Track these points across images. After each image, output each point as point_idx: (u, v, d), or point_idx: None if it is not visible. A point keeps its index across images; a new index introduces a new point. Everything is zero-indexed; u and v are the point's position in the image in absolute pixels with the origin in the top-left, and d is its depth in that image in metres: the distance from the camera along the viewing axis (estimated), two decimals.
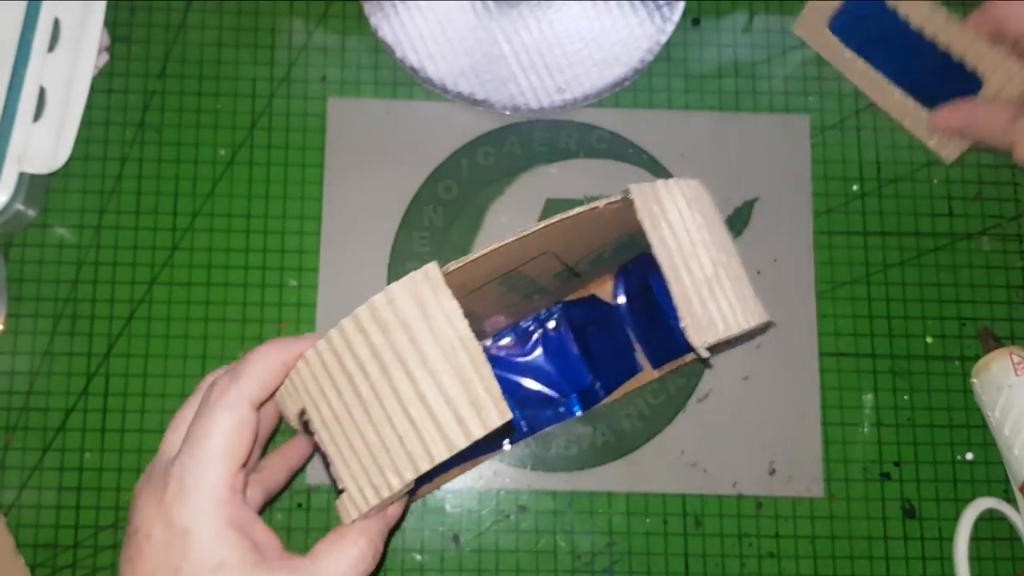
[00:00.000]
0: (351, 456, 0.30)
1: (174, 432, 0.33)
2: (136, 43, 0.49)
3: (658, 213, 0.33)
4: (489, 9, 0.49)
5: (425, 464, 0.29)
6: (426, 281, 0.30)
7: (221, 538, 0.29)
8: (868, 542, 0.45)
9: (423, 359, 0.29)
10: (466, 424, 0.29)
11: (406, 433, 0.29)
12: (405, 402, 0.29)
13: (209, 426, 0.30)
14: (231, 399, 0.31)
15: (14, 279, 0.46)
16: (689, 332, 0.32)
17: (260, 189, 0.48)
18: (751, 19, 0.51)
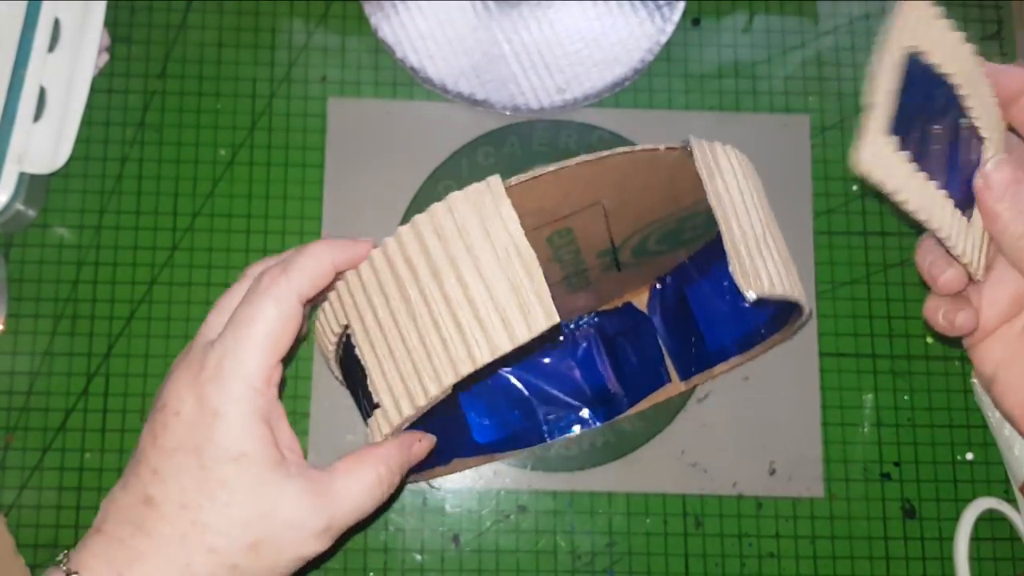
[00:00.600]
0: (390, 366, 0.30)
1: (217, 314, 0.33)
2: (136, 43, 0.49)
3: (714, 168, 0.32)
4: (489, 9, 0.49)
5: (466, 368, 0.29)
6: (488, 191, 0.30)
7: (248, 428, 0.29)
8: (868, 542, 0.45)
9: (476, 264, 0.29)
10: (512, 327, 0.29)
11: (450, 337, 0.29)
12: (454, 307, 0.29)
13: (255, 313, 0.30)
14: (280, 290, 0.30)
15: (14, 279, 0.46)
16: (737, 277, 0.31)
17: (260, 189, 0.48)
18: (751, 19, 0.51)
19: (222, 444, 0.29)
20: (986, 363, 0.35)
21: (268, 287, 0.30)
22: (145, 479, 0.30)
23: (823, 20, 0.51)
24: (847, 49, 0.50)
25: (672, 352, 0.46)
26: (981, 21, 0.51)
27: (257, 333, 0.30)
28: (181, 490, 0.29)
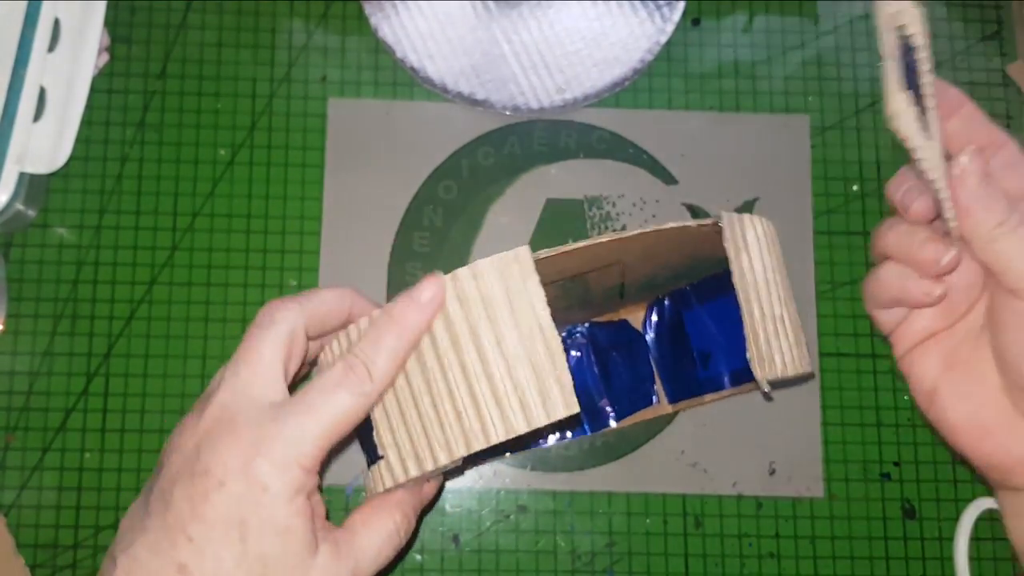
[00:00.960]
0: (399, 424, 0.30)
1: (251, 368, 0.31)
2: (136, 43, 0.49)
3: (742, 244, 0.32)
4: (489, 9, 0.49)
5: (479, 444, 0.29)
6: (516, 263, 0.29)
7: (294, 503, 0.29)
8: (868, 542, 0.45)
9: (498, 339, 0.29)
10: (530, 410, 0.29)
11: (465, 409, 0.29)
12: (471, 379, 0.29)
13: (330, 404, 0.29)
14: (362, 389, 0.30)
15: (14, 279, 0.46)
16: (753, 364, 0.32)
17: (260, 189, 0.48)
18: (751, 19, 0.51)
19: (268, 520, 0.29)
20: (925, 376, 0.33)
21: (346, 378, 0.29)
22: (180, 545, 0.29)
23: (823, 20, 0.51)
24: (847, 49, 0.50)
25: (663, 373, 0.46)
26: (981, 21, 0.51)
27: (324, 423, 0.29)
28: (218, 561, 0.29)
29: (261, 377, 0.30)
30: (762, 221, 0.34)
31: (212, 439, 0.29)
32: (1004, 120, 0.50)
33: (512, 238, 0.48)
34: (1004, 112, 0.50)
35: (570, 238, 0.48)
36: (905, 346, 0.34)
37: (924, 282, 0.31)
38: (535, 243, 0.47)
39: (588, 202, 0.48)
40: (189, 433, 0.30)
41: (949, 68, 0.51)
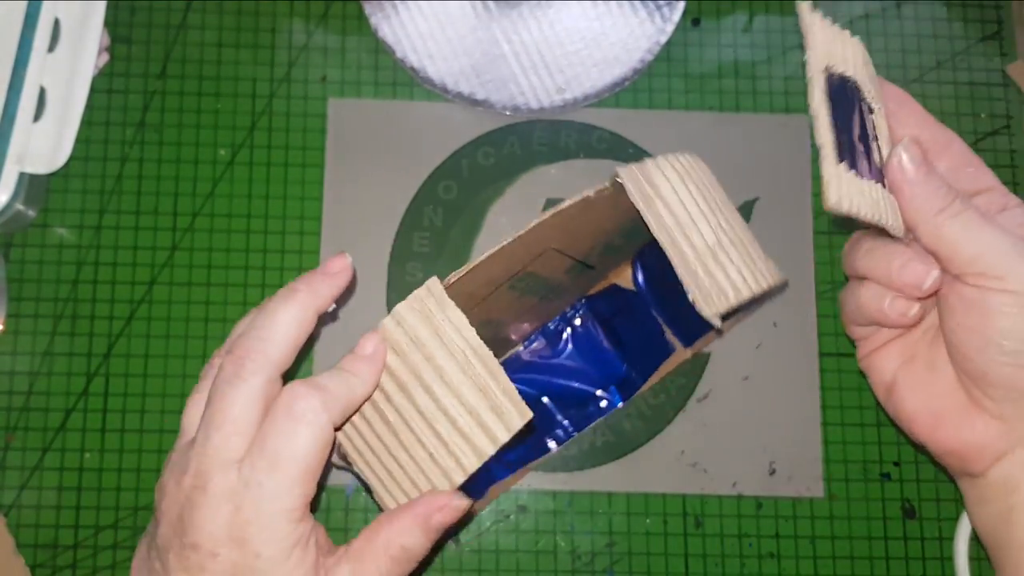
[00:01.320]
0: (390, 481, 0.31)
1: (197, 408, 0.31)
2: (136, 43, 0.49)
3: (651, 193, 0.33)
4: (489, 9, 0.49)
5: (459, 477, 0.30)
6: (430, 297, 0.30)
7: (291, 560, 0.29)
8: (868, 542, 0.45)
9: (439, 373, 0.30)
10: (491, 430, 0.30)
11: (436, 449, 0.30)
12: (430, 419, 0.30)
13: (292, 445, 0.28)
14: (315, 417, 0.29)
15: (14, 279, 0.46)
16: (699, 304, 0.32)
17: (260, 189, 0.48)
18: (751, 19, 0.51)
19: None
20: (883, 371, 0.34)
21: (304, 413, 0.29)
22: None
23: None
24: None
25: (669, 322, 0.46)
26: (981, 21, 0.51)
27: (297, 469, 0.28)
28: None
29: (232, 438, 0.29)
30: (668, 157, 0.34)
31: (192, 509, 0.29)
32: (1004, 120, 0.50)
33: None
34: (1004, 112, 0.50)
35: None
36: (870, 349, 0.35)
37: (902, 303, 0.32)
38: None
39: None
40: (171, 499, 0.30)
41: (949, 68, 0.51)
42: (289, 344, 0.30)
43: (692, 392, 0.46)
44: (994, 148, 0.50)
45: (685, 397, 0.46)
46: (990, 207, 0.33)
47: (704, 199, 0.34)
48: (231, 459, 0.29)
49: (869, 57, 0.34)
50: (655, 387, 0.46)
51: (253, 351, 0.29)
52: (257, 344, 0.30)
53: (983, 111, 0.50)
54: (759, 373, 0.47)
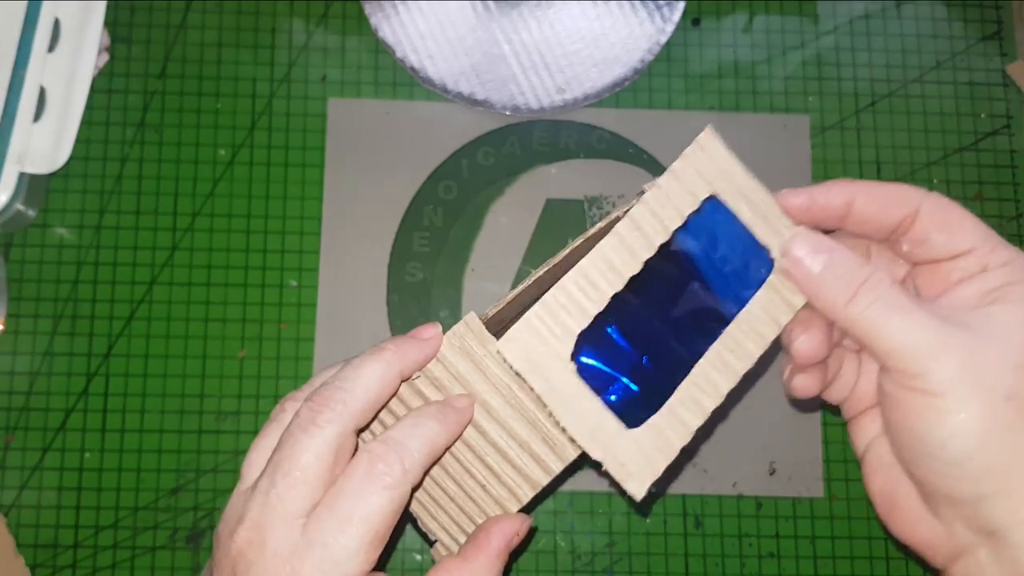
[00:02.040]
0: (436, 509, 0.31)
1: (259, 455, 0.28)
2: (136, 43, 0.49)
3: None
4: (489, 9, 0.49)
5: (514, 506, 0.30)
6: (469, 332, 0.30)
7: None
8: (868, 542, 0.45)
9: (486, 408, 0.30)
10: (543, 461, 0.30)
11: (487, 481, 0.30)
12: (480, 453, 0.30)
13: (367, 508, 0.26)
14: (396, 480, 0.27)
15: (14, 279, 0.46)
16: None
17: (260, 189, 0.48)
18: (751, 19, 0.51)
19: None
20: (861, 438, 0.30)
21: (382, 475, 0.27)
22: None
23: (823, 20, 0.51)
24: (847, 49, 0.51)
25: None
26: (981, 21, 0.51)
27: (369, 532, 0.26)
28: None
29: (298, 488, 0.27)
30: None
31: (248, 568, 0.27)
32: (1004, 120, 0.50)
33: (512, 238, 0.48)
34: (1004, 112, 0.50)
35: (570, 238, 0.48)
36: (848, 416, 0.31)
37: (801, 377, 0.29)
38: (535, 243, 0.48)
39: (588, 202, 0.48)
40: (223, 552, 0.27)
41: (949, 68, 0.51)
42: (370, 400, 0.28)
43: None
44: (994, 148, 0.50)
45: None
46: (953, 276, 0.28)
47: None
48: (295, 512, 0.26)
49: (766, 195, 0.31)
50: None
51: (332, 400, 0.28)
52: (337, 394, 0.28)
53: (983, 111, 0.50)
54: (758, 375, 0.47)
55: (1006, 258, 0.27)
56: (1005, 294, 0.26)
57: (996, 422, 0.25)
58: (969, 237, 0.28)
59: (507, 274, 0.47)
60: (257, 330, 0.46)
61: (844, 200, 0.29)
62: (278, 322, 0.46)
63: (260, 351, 0.46)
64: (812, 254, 0.28)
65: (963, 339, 0.25)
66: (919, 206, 0.28)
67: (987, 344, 0.25)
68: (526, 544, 0.45)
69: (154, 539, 0.44)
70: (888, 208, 0.28)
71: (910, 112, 0.50)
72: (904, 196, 0.28)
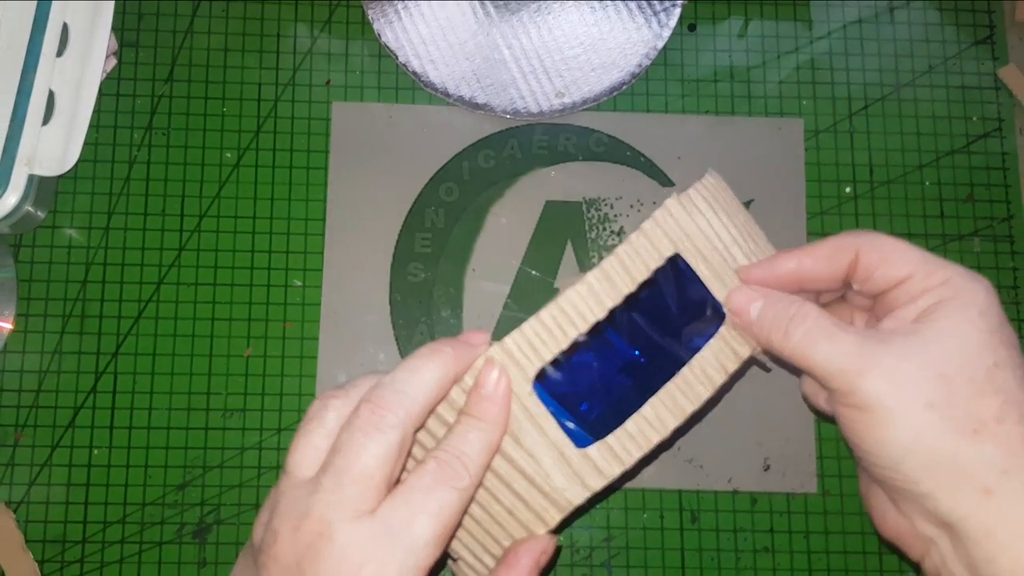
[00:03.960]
0: (460, 530, 0.31)
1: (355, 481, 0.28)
2: (144, 48, 0.50)
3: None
4: (490, 15, 0.50)
5: (540, 529, 0.30)
6: (506, 357, 0.30)
7: None
8: (861, 537, 0.46)
9: (514, 437, 0.30)
10: (572, 488, 0.30)
11: (514, 506, 0.30)
12: (507, 479, 0.30)
13: (437, 503, 0.28)
14: (465, 483, 0.28)
15: (24, 279, 0.47)
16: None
17: (265, 191, 0.48)
18: (746, 25, 0.51)
19: None
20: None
21: (442, 474, 0.28)
22: None
23: (816, 25, 0.51)
24: (840, 54, 0.51)
25: None
26: (973, 25, 0.52)
27: (434, 525, 0.27)
28: None
29: (367, 492, 0.27)
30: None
31: (316, 558, 0.27)
32: (995, 123, 0.51)
33: (512, 239, 0.48)
34: (996, 115, 0.51)
35: (569, 239, 0.48)
36: None
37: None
38: (534, 244, 0.48)
39: (587, 204, 0.49)
40: (286, 544, 0.28)
41: (941, 72, 0.51)
42: (428, 403, 0.29)
43: None
44: (985, 151, 0.50)
45: None
46: (900, 301, 0.30)
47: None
48: (363, 511, 0.27)
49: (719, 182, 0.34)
50: None
51: (395, 404, 0.28)
52: (399, 398, 0.28)
53: (975, 114, 0.51)
54: (754, 370, 0.47)
55: (943, 277, 0.29)
56: (935, 310, 0.29)
57: (919, 429, 0.27)
58: (906, 264, 0.30)
59: (507, 274, 0.48)
60: (262, 329, 0.47)
61: (792, 267, 0.32)
62: (283, 321, 0.47)
63: (265, 350, 0.47)
64: (748, 303, 0.31)
65: (887, 357, 0.28)
66: (857, 248, 0.31)
67: (909, 358, 0.28)
68: (553, 563, 0.45)
69: (161, 534, 0.45)
70: (831, 261, 0.31)
71: (903, 115, 0.51)
72: (840, 244, 0.31)
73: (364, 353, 0.47)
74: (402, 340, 0.47)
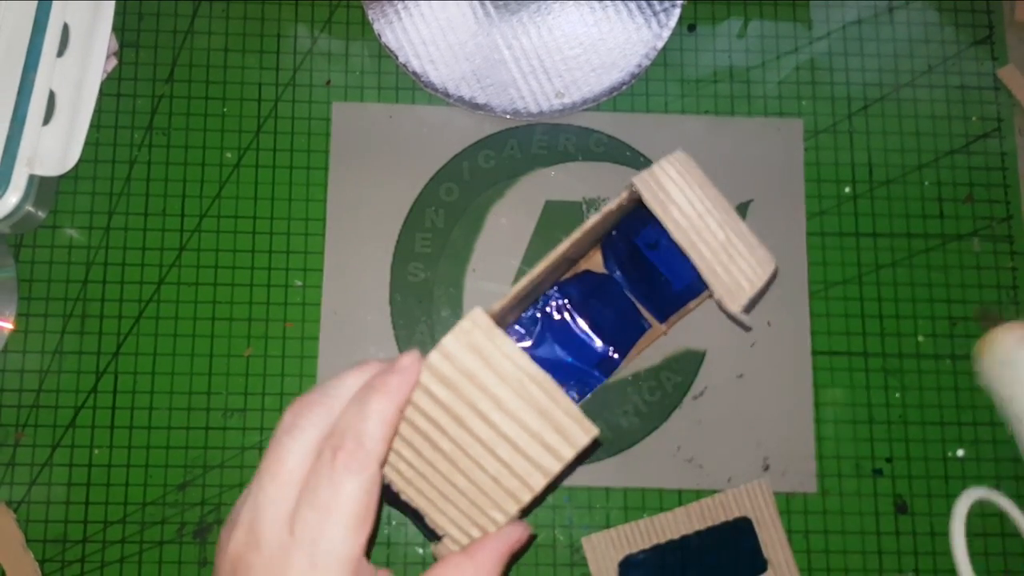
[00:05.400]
0: (445, 504, 0.31)
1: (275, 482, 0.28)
2: (144, 48, 0.50)
3: (664, 198, 0.34)
4: (490, 15, 0.50)
5: (527, 495, 0.30)
6: (476, 328, 0.30)
7: None
8: (861, 537, 0.46)
9: (496, 403, 0.30)
10: (556, 449, 0.30)
11: (499, 473, 0.30)
12: (490, 446, 0.30)
13: (340, 496, 0.27)
14: (360, 463, 0.28)
15: (25, 279, 0.47)
16: (724, 302, 0.33)
17: (266, 191, 0.48)
18: (745, 25, 0.51)
19: None
20: None
21: (347, 463, 0.28)
22: None
23: (816, 26, 0.51)
24: (840, 54, 0.51)
25: (643, 301, 0.47)
26: (972, 26, 0.52)
27: (347, 517, 0.27)
28: None
29: (283, 489, 0.28)
30: (669, 159, 0.35)
31: (245, 568, 0.28)
32: (995, 123, 0.51)
33: (512, 239, 0.48)
34: (995, 115, 0.51)
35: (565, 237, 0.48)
36: None
37: None
38: (534, 243, 0.48)
39: (586, 203, 0.49)
40: (223, 555, 0.29)
41: (941, 72, 0.51)
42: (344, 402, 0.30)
43: (688, 390, 0.47)
44: (985, 151, 0.51)
45: (681, 394, 0.47)
46: None
47: (706, 195, 0.35)
48: (281, 510, 0.28)
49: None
50: (651, 385, 0.47)
51: (314, 404, 0.29)
52: (319, 397, 0.29)
53: (974, 114, 0.51)
54: (753, 371, 0.47)
55: None
56: None
57: None
58: None
59: (507, 274, 0.48)
60: (263, 329, 0.47)
61: None
62: (283, 321, 0.47)
63: (266, 350, 0.47)
64: None
65: None
66: None
67: None
68: (525, 549, 0.45)
69: (162, 534, 0.45)
70: None
71: (902, 115, 0.51)
72: None
73: (364, 353, 0.47)
74: (402, 340, 0.47)
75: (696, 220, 0.34)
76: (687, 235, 0.34)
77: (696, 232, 0.34)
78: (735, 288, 0.34)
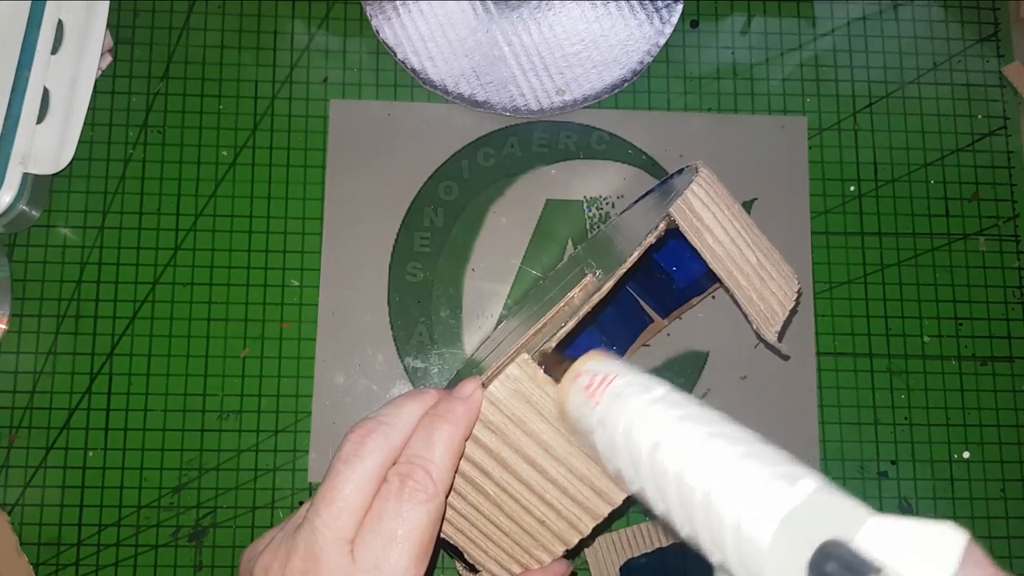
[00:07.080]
0: (486, 543, 0.31)
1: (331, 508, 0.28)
2: (139, 45, 0.49)
3: (698, 224, 0.33)
4: (490, 11, 0.49)
5: (574, 538, 0.30)
6: (523, 375, 0.30)
7: None
8: None
9: (545, 448, 0.30)
10: (606, 493, 0.30)
11: (545, 516, 0.30)
12: (539, 491, 0.30)
13: (406, 524, 0.28)
14: (428, 492, 0.28)
15: (18, 279, 0.47)
16: (762, 331, 0.33)
17: (262, 190, 0.48)
18: (749, 22, 0.51)
19: None
20: None
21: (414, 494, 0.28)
22: None
23: (820, 22, 0.51)
24: (844, 51, 0.51)
25: (646, 297, 0.46)
26: (978, 23, 0.52)
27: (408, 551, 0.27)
28: None
29: (340, 516, 0.28)
30: (702, 179, 0.34)
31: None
32: (1001, 121, 0.50)
33: (512, 238, 0.48)
34: (1001, 113, 0.51)
35: (569, 238, 0.48)
36: None
37: None
38: (535, 243, 0.48)
39: (587, 202, 0.49)
40: (277, 572, 0.28)
41: (946, 69, 0.51)
42: (411, 427, 0.30)
43: (691, 391, 0.47)
44: (991, 149, 0.50)
45: None
46: None
47: (733, 215, 0.35)
48: (340, 537, 0.28)
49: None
50: None
51: (374, 432, 0.29)
52: (377, 425, 0.29)
53: (980, 112, 0.51)
54: (757, 372, 0.47)
55: None
56: None
57: None
58: None
59: (507, 274, 0.48)
60: (259, 329, 0.47)
61: None
62: (280, 322, 0.47)
63: (262, 350, 0.46)
64: None
65: None
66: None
67: None
68: None
69: (157, 537, 0.45)
70: None
71: (907, 113, 0.50)
72: None
73: (362, 354, 0.46)
74: (400, 341, 0.47)
75: (730, 246, 0.34)
76: (724, 264, 0.33)
77: (731, 260, 0.34)
78: (770, 314, 0.34)
